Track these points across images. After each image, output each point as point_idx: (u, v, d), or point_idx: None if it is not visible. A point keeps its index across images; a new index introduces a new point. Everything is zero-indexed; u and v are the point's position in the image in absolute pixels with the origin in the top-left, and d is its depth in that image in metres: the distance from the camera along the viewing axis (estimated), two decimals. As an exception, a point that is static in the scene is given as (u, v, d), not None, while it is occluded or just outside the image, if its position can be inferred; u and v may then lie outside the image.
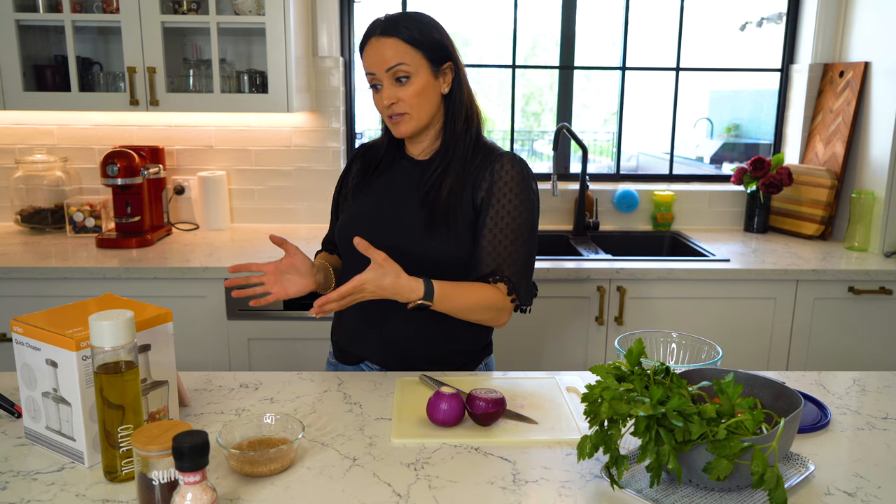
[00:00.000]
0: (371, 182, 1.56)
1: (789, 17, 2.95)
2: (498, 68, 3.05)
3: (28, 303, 2.23)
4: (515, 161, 1.48)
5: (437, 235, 1.44)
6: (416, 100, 1.43)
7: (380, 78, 1.43)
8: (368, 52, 1.44)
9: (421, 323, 1.46)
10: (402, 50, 1.41)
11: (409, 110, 1.44)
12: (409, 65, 1.41)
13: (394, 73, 1.41)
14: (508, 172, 1.46)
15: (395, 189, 1.53)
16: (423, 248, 1.44)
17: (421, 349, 1.50)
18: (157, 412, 1.13)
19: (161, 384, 1.14)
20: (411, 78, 1.42)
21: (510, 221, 1.45)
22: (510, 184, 1.45)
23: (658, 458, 0.94)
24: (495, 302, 1.43)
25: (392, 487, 1.02)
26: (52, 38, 2.65)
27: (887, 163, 2.48)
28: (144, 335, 1.11)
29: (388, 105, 1.44)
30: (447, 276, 1.44)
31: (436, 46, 1.44)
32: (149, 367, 1.12)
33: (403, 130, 1.46)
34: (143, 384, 1.09)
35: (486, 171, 1.47)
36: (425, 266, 1.42)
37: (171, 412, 1.16)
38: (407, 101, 1.43)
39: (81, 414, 1.04)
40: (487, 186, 1.46)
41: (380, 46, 1.41)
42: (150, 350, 1.12)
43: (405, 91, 1.42)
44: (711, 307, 2.36)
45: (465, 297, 1.41)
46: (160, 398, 1.14)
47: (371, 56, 1.43)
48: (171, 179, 2.82)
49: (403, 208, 1.50)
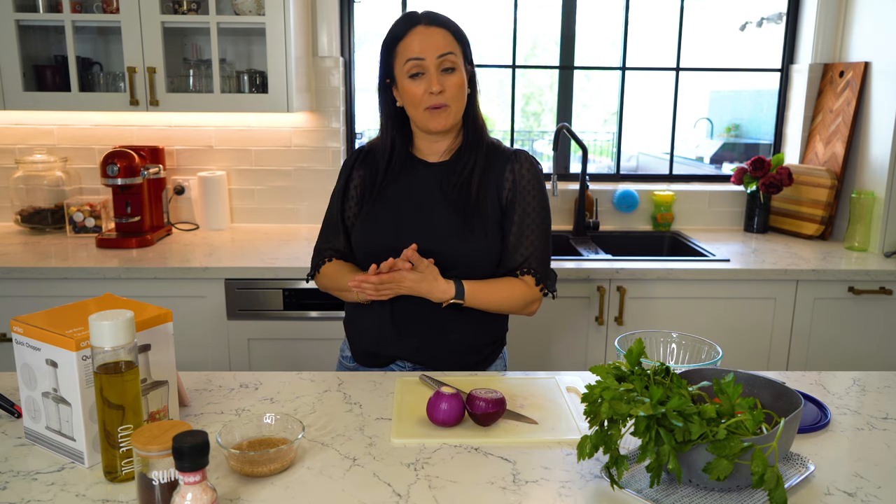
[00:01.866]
0: (383, 188, 1.54)
1: (789, 17, 2.95)
2: (498, 68, 3.05)
3: (28, 303, 2.23)
4: (531, 159, 1.54)
5: (473, 238, 1.47)
6: (458, 92, 1.45)
7: (427, 65, 1.42)
8: (414, 38, 1.43)
9: (453, 318, 1.49)
10: (451, 40, 1.44)
11: (451, 102, 1.44)
12: (456, 55, 1.44)
13: (443, 61, 1.42)
14: (529, 171, 1.52)
15: (415, 193, 1.52)
16: (458, 251, 1.46)
17: (457, 342, 1.53)
18: (157, 412, 1.13)
19: (161, 384, 1.14)
20: (456, 70, 1.44)
21: (535, 217, 1.51)
22: (532, 181, 1.52)
23: (658, 458, 0.94)
24: (524, 294, 1.51)
25: (392, 487, 1.02)
26: (52, 38, 2.65)
27: (887, 163, 2.48)
28: (144, 335, 1.11)
29: (438, 92, 1.42)
30: (478, 274, 1.48)
31: (468, 46, 1.49)
32: (149, 367, 1.12)
33: (444, 123, 1.46)
34: (143, 384, 1.09)
35: (506, 171, 1.51)
36: (459, 267, 1.46)
37: (171, 412, 1.16)
38: (450, 91, 1.43)
39: (81, 414, 1.04)
40: (511, 185, 1.51)
41: (430, 33, 1.42)
42: (150, 350, 1.12)
43: (451, 81, 1.43)
44: (711, 307, 2.36)
45: (495, 292, 1.48)
46: (160, 398, 1.14)
47: (419, 42, 1.42)
48: (171, 179, 2.82)
49: (432, 213, 1.49)
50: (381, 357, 1.56)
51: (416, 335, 1.52)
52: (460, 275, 1.46)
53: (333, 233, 1.60)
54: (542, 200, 1.53)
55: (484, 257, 1.49)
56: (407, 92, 1.45)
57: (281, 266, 2.26)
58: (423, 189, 1.52)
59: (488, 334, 1.59)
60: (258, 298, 2.27)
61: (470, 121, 1.51)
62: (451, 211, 1.48)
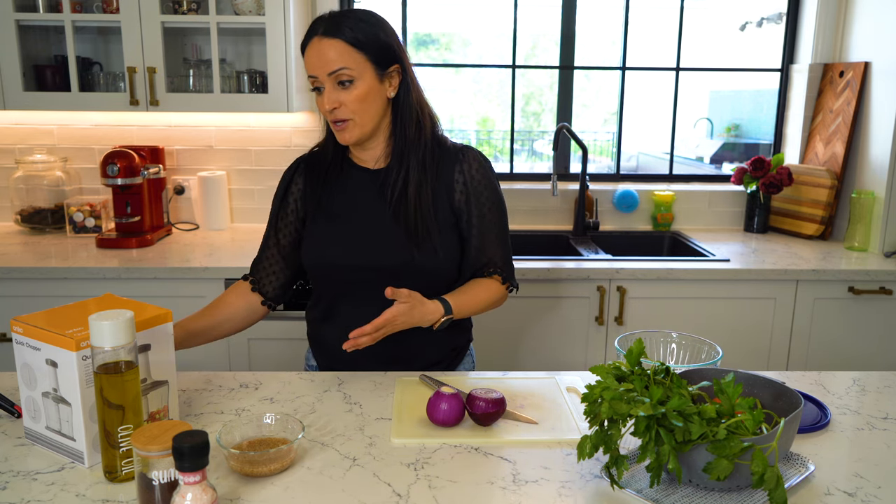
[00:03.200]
0: (325, 199, 1.49)
1: (789, 17, 2.95)
2: (498, 68, 3.05)
3: (28, 303, 2.23)
4: (479, 156, 1.50)
5: (422, 246, 1.42)
6: (360, 105, 1.37)
7: (321, 81, 1.37)
8: (310, 53, 1.37)
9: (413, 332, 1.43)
10: (345, 52, 1.35)
11: (353, 116, 1.38)
12: (352, 68, 1.35)
13: (336, 76, 1.35)
14: (478, 170, 1.48)
15: (360, 204, 1.47)
16: (411, 261, 1.42)
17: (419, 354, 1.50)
18: (157, 412, 1.13)
19: (161, 384, 1.14)
20: (354, 82, 1.36)
21: (493, 216, 1.49)
22: (483, 180, 1.48)
23: (658, 458, 0.94)
24: (497, 293, 1.51)
25: (392, 487, 1.02)
26: (52, 38, 2.66)
27: (887, 163, 2.48)
28: (144, 335, 1.11)
29: (331, 110, 1.38)
30: (440, 280, 1.46)
31: (381, 48, 1.38)
32: (149, 366, 1.12)
33: (348, 137, 1.41)
34: (143, 384, 1.09)
35: (454, 172, 1.46)
36: (418, 277, 1.42)
37: (172, 412, 1.16)
38: (350, 106, 1.37)
39: (81, 414, 1.04)
40: (462, 187, 1.47)
41: (321, 47, 1.35)
42: (150, 350, 1.12)
43: (348, 95, 1.36)
44: (711, 307, 2.36)
45: (476, 299, 1.47)
46: (160, 398, 1.14)
47: (312, 58, 1.37)
48: (171, 179, 2.82)
49: (378, 225, 1.45)
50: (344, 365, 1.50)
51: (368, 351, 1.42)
52: (427, 286, 1.41)
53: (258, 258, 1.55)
54: (497, 197, 1.50)
55: (439, 264, 1.44)
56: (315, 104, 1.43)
57: (281, 266, 2.25)
58: (366, 199, 1.47)
59: (447, 344, 1.55)
60: (258, 298, 2.27)
61: (400, 125, 1.43)
62: (396, 221, 1.43)
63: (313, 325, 1.58)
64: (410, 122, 1.44)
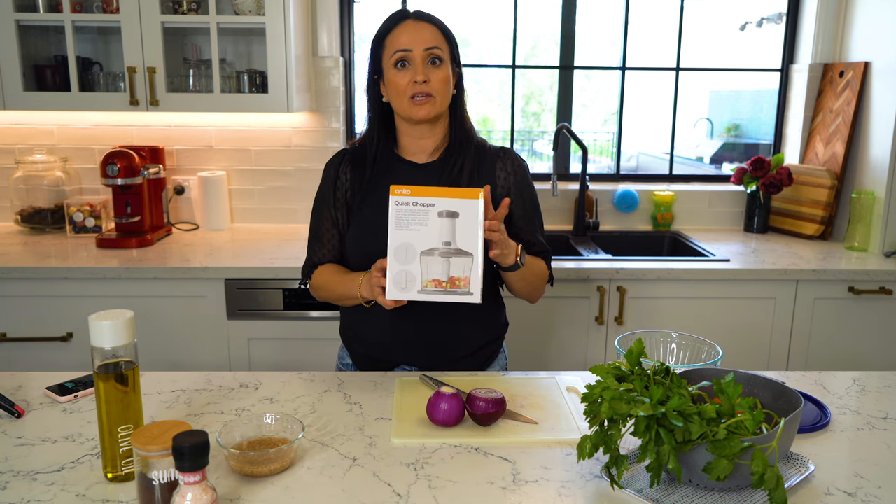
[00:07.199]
0: (371, 190, 1.52)
1: (789, 17, 2.95)
2: (498, 68, 3.05)
3: (28, 303, 2.23)
4: (516, 156, 1.61)
5: None
6: (443, 86, 1.47)
7: (414, 56, 1.44)
8: (403, 31, 1.46)
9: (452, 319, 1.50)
10: (438, 36, 1.47)
11: (436, 94, 1.46)
12: (443, 50, 1.47)
13: (430, 53, 1.45)
14: (518, 167, 1.58)
15: None
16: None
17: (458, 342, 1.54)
18: (457, 279, 1.26)
19: (465, 254, 1.27)
20: (443, 63, 1.47)
21: (532, 212, 1.58)
22: (523, 178, 1.58)
23: (658, 458, 0.94)
24: (543, 272, 1.57)
25: (392, 487, 1.02)
26: (52, 38, 2.65)
27: (887, 163, 2.48)
28: (454, 203, 1.27)
29: (421, 82, 1.44)
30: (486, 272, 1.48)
31: (456, 47, 1.53)
32: (454, 233, 1.27)
33: (427, 112, 1.46)
34: (448, 248, 1.27)
35: (496, 168, 1.55)
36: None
37: (473, 284, 1.26)
38: (435, 84, 1.45)
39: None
40: (503, 182, 1.55)
41: (418, 27, 1.46)
42: (458, 218, 1.27)
43: (436, 73, 1.46)
44: (711, 307, 2.36)
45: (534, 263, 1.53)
46: (462, 267, 1.27)
47: (407, 34, 1.45)
48: (171, 179, 2.82)
49: None
50: (383, 362, 1.55)
51: (417, 339, 1.52)
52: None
53: (320, 245, 1.57)
54: (535, 195, 1.61)
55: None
56: (392, 82, 1.46)
57: (281, 266, 2.26)
58: None
59: (489, 333, 1.60)
60: (258, 298, 2.27)
61: (457, 120, 1.54)
62: None
63: (352, 317, 1.59)
64: (464, 119, 1.56)
